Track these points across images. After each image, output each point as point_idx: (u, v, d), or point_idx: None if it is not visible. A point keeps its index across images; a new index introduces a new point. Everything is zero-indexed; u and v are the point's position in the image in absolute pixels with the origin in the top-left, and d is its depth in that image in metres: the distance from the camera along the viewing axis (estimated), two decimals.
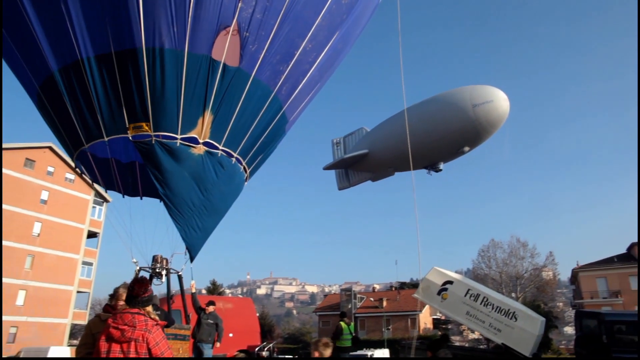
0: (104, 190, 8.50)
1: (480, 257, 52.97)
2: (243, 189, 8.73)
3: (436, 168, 15.71)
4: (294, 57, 7.65)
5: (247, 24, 7.04)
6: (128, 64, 6.78)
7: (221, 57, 7.03)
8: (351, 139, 18.02)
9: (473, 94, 14.14)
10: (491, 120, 13.94)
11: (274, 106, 7.87)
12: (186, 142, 7.27)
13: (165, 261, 8.55)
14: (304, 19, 7.48)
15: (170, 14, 6.64)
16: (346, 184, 18.30)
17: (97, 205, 47.20)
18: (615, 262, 47.42)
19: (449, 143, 14.74)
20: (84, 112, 7.15)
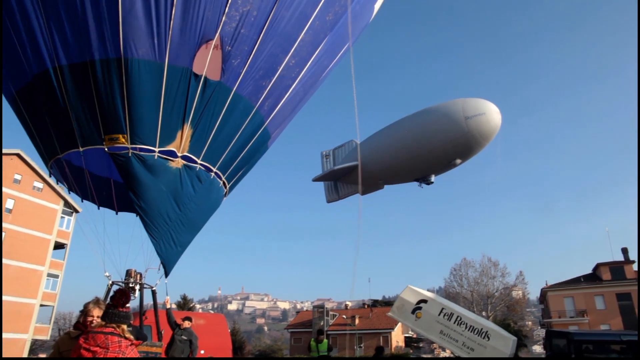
0: (80, 199, 8.24)
1: (453, 275, 53.58)
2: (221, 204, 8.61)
3: (427, 181, 15.61)
4: (277, 73, 7.65)
5: (230, 38, 7.01)
6: (106, 74, 6.63)
7: (202, 71, 6.96)
8: (341, 152, 17.85)
9: (465, 106, 14.20)
10: (483, 132, 14.03)
11: (256, 121, 7.83)
12: (164, 156, 7.13)
13: (139, 276, 8.32)
14: (288, 34, 7.49)
15: (152, 25, 6.57)
16: (335, 197, 18.11)
17: (66, 216, 45.75)
18: (582, 282, 48.61)
19: (440, 155, 14.65)
20: (60, 121, 6.96)
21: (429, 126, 14.63)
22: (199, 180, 7.55)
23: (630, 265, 46.85)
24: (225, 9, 6.86)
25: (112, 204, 8.44)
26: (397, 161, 15.15)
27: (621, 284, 45.59)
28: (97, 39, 6.54)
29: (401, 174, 15.88)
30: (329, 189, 18.36)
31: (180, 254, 7.71)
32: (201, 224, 8.10)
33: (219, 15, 6.85)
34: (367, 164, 15.91)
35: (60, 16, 6.53)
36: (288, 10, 7.31)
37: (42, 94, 6.91)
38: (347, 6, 8.14)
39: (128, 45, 6.55)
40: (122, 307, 3.87)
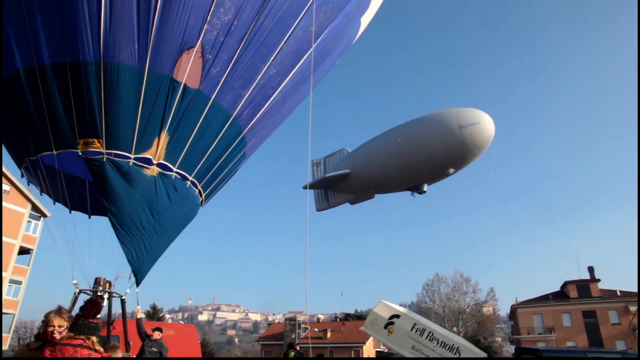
0: (52, 202, 8.01)
1: (425, 290, 53.97)
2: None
3: (420, 190, 15.42)
4: (256, 82, 7.64)
5: (211, 47, 6.99)
6: (84, 77, 6.51)
7: (182, 78, 6.90)
8: (332, 160, 17.57)
9: (460, 116, 14.13)
10: (477, 142, 13.97)
11: (233, 130, 7.77)
12: (139, 163, 7.00)
13: (109, 284, 8.07)
14: (268, 44, 7.50)
15: (134, 30, 6.50)
16: (325, 205, 17.80)
17: (34, 220, 44.28)
18: (550, 299, 49.59)
19: (434, 164, 14.48)
20: (35, 121, 6.79)
21: (423, 134, 14.49)
22: (174, 189, 7.43)
23: (595, 283, 48.08)
24: (208, 17, 6.85)
25: (85, 207, 8.20)
26: (390, 170, 14.96)
27: (587, 302, 46.69)
28: (78, 41, 6.44)
29: (393, 182, 15.68)
30: (319, 197, 18.05)
31: (153, 263, 7.54)
32: (175, 233, 7.95)
33: (201, 23, 6.82)
34: (358, 172, 15.75)
35: (45, 14, 6.43)
36: (270, 21, 7.33)
37: (17, 92, 6.73)
38: (333, 17, 8.24)
39: (109, 49, 6.47)
40: (92, 318, 3.73)
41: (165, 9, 6.57)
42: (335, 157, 17.58)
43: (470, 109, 14.63)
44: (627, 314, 44.39)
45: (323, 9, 7.97)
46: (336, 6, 8.32)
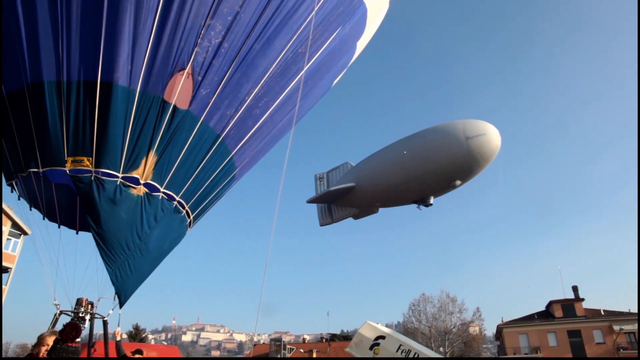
0: (42, 217, 7.92)
1: (411, 310, 53.82)
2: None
3: (426, 202, 15.07)
4: (245, 103, 7.76)
5: (200, 68, 7.13)
6: (79, 96, 6.64)
7: (172, 99, 7.00)
8: (335, 174, 17.21)
9: (466, 127, 13.98)
10: (484, 153, 13.83)
11: (221, 151, 7.82)
12: (127, 182, 7.01)
13: (91, 305, 7.92)
14: (257, 65, 7.65)
15: (130, 51, 6.65)
16: (329, 220, 17.37)
17: (13, 238, 43.37)
18: (536, 319, 49.80)
19: (440, 176, 14.19)
20: (29, 138, 6.85)
21: (429, 146, 14.26)
22: (161, 210, 7.40)
23: (580, 302, 48.49)
24: (199, 40, 7.01)
25: (74, 223, 8.12)
26: (395, 182, 14.68)
27: (572, 322, 46.99)
28: (72, 61, 6.58)
29: (399, 195, 15.41)
30: (323, 212, 17.60)
31: (138, 284, 7.44)
32: (162, 254, 7.87)
33: (193, 45, 6.99)
34: (363, 185, 15.45)
35: (43, 33, 6.55)
36: (259, 43, 7.49)
37: (14, 109, 6.84)
38: (324, 41, 8.44)
39: (104, 69, 6.60)
40: (71, 342, 3.70)
41: (160, 31, 6.74)
42: (338, 171, 17.23)
43: (476, 120, 14.51)
44: (611, 333, 44.75)
45: (314, 32, 8.14)
46: (327, 30, 8.52)
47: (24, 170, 7.05)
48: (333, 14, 8.52)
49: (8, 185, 7.65)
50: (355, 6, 9.10)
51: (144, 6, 6.66)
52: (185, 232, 8.33)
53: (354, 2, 8.98)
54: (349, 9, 8.93)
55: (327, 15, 8.37)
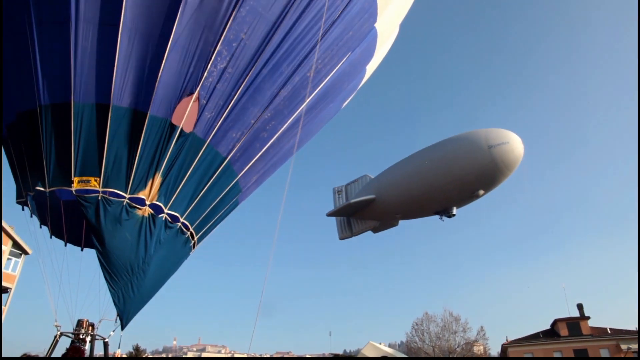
0: (49, 236, 8.00)
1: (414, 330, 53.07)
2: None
3: (449, 213, 14.77)
4: (251, 126, 7.82)
5: (207, 92, 7.27)
6: (90, 118, 6.85)
7: (180, 122, 7.16)
8: (354, 187, 16.92)
9: (488, 136, 13.82)
10: (507, 161, 13.57)
11: (227, 173, 7.90)
12: (133, 203, 7.06)
13: (91, 327, 7.79)
14: (264, 89, 7.76)
15: (142, 76, 6.86)
16: (348, 234, 17.07)
17: (14, 257, 43.09)
18: (541, 337, 49.06)
19: (463, 186, 13.91)
20: (35, 157, 7.04)
21: (451, 156, 14.01)
22: (165, 231, 7.40)
23: (585, 321, 47.81)
24: (208, 66, 7.17)
25: (80, 239, 8.09)
26: (417, 193, 14.41)
27: (578, 340, 46.28)
28: (85, 84, 6.79)
29: (421, 206, 15.06)
30: (342, 225, 17.28)
31: (141, 306, 7.37)
32: (166, 276, 7.83)
33: (201, 71, 7.16)
34: (384, 197, 15.16)
35: (56, 56, 6.78)
36: (266, 68, 7.60)
37: (26, 130, 7.04)
38: (334, 66, 8.52)
39: (116, 93, 6.81)
40: None
41: (171, 57, 6.94)
42: (357, 183, 16.96)
43: (497, 129, 14.29)
44: (618, 352, 44.02)
45: (323, 56, 8.26)
46: (337, 54, 8.63)
47: (32, 189, 7.13)
48: (342, 38, 8.61)
49: (18, 204, 7.71)
50: (366, 31, 9.19)
51: (157, 34, 6.89)
52: (189, 253, 8.29)
53: (364, 26, 9.07)
54: (359, 33, 9.01)
55: (336, 39, 8.47)
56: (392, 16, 10.15)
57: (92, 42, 6.71)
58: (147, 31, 6.81)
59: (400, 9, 10.57)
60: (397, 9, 10.28)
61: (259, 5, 7.28)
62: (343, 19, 8.35)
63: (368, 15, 9.01)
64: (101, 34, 6.71)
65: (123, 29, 6.70)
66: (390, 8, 9.67)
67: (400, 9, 10.62)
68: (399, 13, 10.69)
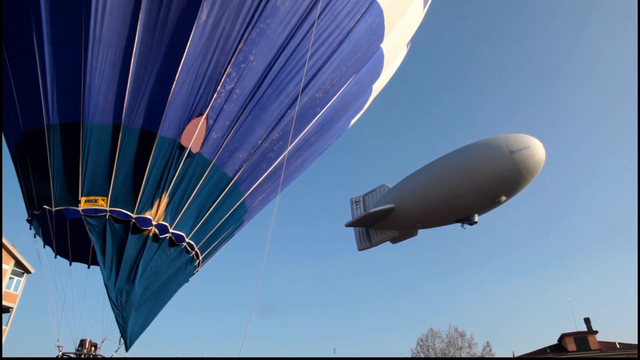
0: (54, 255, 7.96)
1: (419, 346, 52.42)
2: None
3: (471, 221, 14.49)
4: (258, 146, 7.86)
5: (215, 113, 7.38)
6: (99, 138, 6.89)
7: (189, 143, 7.19)
8: (372, 197, 16.66)
9: (509, 141, 13.61)
10: (529, 166, 13.35)
11: (234, 194, 7.90)
12: (139, 223, 7.05)
13: (94, 347, 7.62)
14: (269, 109, 7.82)
15: (153, 98, 6.92)
16: (367, 245, 16.82)
17: (16, 277, 42.80)
18: (548, 352, 48.37)
19: (484, 192, 13.69)
20: (42, 177, 7.05)
21: (471, 162, 13.83)
22: (170, 250, 7.34)
23: (593, 335, 47.11)
24: (218, 87, 7.23)
25: (87, 256, 8.01)
26: (437, 201, 14.20)
27: (587, 355, 45.59)
28: (98, 104, 6.87)
29: (442, 214, 14.82)
30: (361, 236, 17.00)
31: (145, 326, 7.27)
32: (169, 295, 7.77)
33: (211, 92, 7.23)
34: (404, 206, 14.96)
35: (63, 75, 6.86)
36: (271, 88, 7.65)
37: (34, 149, 7.04)
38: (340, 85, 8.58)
39: (127, 114, 6.88)
40: None
41: (182, 78, 7.01)
42: (375, 193, 16.69)
43: (518, 134, 14.13)
44: None
45: (331, 78, 8.35)
46: (345, 75, 8.72)
47: (37, 208, 7.13)
48: (350, 59, 8.70)
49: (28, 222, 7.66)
50: (372, 51, 9.32)
51: (170, 55, 6.98)
52: (193, 272, 8.22)
53: (371, 47, 9.20)
54: (366, 54, 9.13)
55: (344, 61, 8.57)
56: (399, 36, 10.27)
57: (103, 63, 6.79)
58: (160, 52, 6.92)
59: (407, 29, 10.69)
60: (405, 28, 10.41)
61: (268, 28, 7.39)
62: (350, 41, 8.46)
63: (375, 37, 9.14)
64: (113, 55, 6.80)
65: (136, 50, 6.79)
66: (397, 28, 9.78)
67: (408, 29, 10.74)
68: (407, 32, 10.81)
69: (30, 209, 7.44)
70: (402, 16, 9.82)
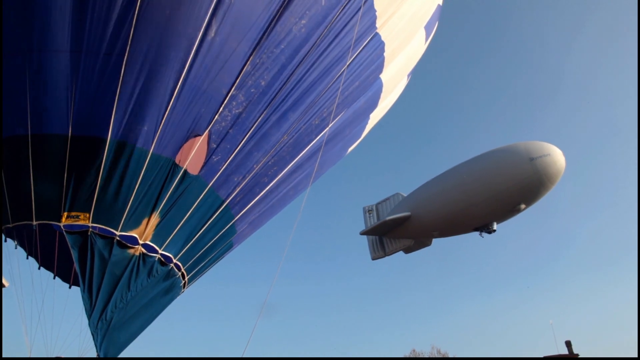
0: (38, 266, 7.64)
1: None
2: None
3: (489, 229, 14.22)
4: (253, 171, 7.73)
5: (218, 136, 7.14)
6: (86, 151, 6.52)
7: (184, 164, 6.93)
8: (385, 205, 16.42)
9: (529, 148, 13.43)
10: (550, 174, 13.17)
11: (225, 217, 7.75)
12: (124, 241, 6.79)
13: None
14: (270, 136, 7.70)
15: (147, 113, 6.58)
16: (381, 254, 16.56)
17: None
18: None
19: (504, 200, 13.43)
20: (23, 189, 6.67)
21: (490, 169, 13.64)
22: (156, 271, 7.17)
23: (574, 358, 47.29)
24: (220, 109, 6.96)
25: (69, 275, 7.88)
26: (456, 209, 13.91)
27: None
28: (82, 116, 6.48)
29: (459, 223, 14.55)
30: (374, 245, 16.71)
31: (124, 347, 7.11)
32: (152, 315, 7.56)
33: (212, 113, 6.97)
34: (420, 214, 14.65)
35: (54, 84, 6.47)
36: (275, 115, 7.56)
37: (12, 160, 6.69)
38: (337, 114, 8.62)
39: (115, 128, 6.50)
40: None
41: (182, 96, 6.68)
42: (389, 202, 16.46)
43: (537, 142, 13.97)
44: None
45: (329, 106, 8.23)
46: (342, 104, 8.63)
47: (20, 221, 6.80)
48: (348, 89, 8.64)
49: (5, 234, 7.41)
50: (371, 81, 9.25)
51: (165, 68, 6.60)
52: (178, 293, 8.09)
53: (370, 78, 9.13)
54: (365, 84, 9.08)
55: (342, 90, 8.45)
56: (399, 68, 10.22)
57: (94, 73, 6.43)
58: (156, 65, 6.54)
59: (408, 61, 10.62)
60: (405, 60, 10.35)
61: (282, 54, 7.23)
62: (350, 70, 8.38)
63: (375, 68, 9.09)
64: (104, 65, 6.41)
65: (128, 61, 6.42)
66: (398, 60, 9.75)
67: (409, 61, 10.68)
68: (407, 64, 10.74)
69: (13, 221, 7.04)
70: (403, 48, 9.78)
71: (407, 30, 9.53)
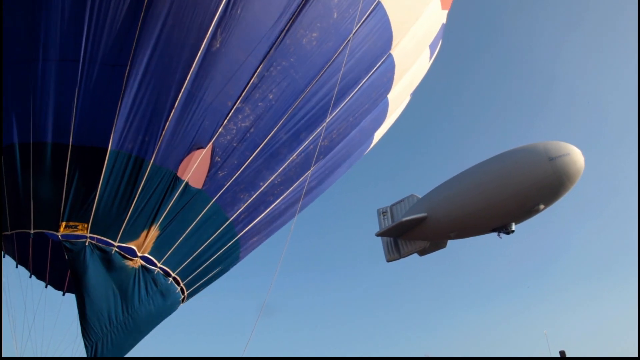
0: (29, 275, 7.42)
1: None
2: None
3: (508, 230, 14.03)
4: (260, 189, 7.57)
5: (222, 150, 6.93)
6: (85, 161, 6.40)
7: (186, 176, 6.78)
8: (400, 207, 16.18)
9: (548, 148, 13.31)
10: (569, 173, 13.01)
11: (229, 234, 7.58)
12: (122, 252, 6.65)
13: None
14: (281, 154, 7.57)
15: (147, 122, 6.45)
16: (396, 256, 16.20)
17: None
18: None
19: (523, 200, 13.25)
20: (21, 197, 6.55)
21: (509, 169, 13.41)
22: (154, 284, 7.00)
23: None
24: (224, 122, 6.81)
25: (63, 282, 7.73)
26: (473, 209, 13.72)
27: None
28: (83, 125, 6.38)
29: (478, 223, 14.32)
30: (389, 246, 16.38)
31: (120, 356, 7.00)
32: (148, 329, 7.39)
33: (216, 126, 6.81)
34: (437, 215, 14.42)
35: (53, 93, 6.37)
36: (287, 134, 7.43)
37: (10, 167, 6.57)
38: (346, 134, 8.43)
39: (116, 138, 6.37)
40: None
41: (183, 107, 6.54)
42: (404, 203, 16.22)
43: (557, 141, 13.79)
44: None
45: (337, 126, 8.16)
46: (350, 124, 8.54)
47: (17, 229, 6.68)
48: (359, 110, 8.55)
49: None
50: (378, 101, 9.16)
51: (170, 79, 6.49)
52: (176, 307, 7.92)
53: (378, 98, 9.05)
54: (373, 104, 9.00)
55: (353, 111, 8.39)
56: (405, 87, 10.19)
57: (95, 82, 6.34)
58: (158, 75, 6.43)
59: (413, 79, 10.59)
60: (411, 78, 10.33)
61: (292, 68, 7.00)
62: (361, 90, 8.29)
63: (384, 89, 9.06)
64: (106, 74, 6.32)
65: (130, 71, 6.32)
66: (404, 79, 9.70)
67: (414, 79, 10.65)
68: (412, 83, 10.71)
69: (8, 229, 6.93)
70: (410, 68, 9.77)
71: (416, 51, 9.52)
